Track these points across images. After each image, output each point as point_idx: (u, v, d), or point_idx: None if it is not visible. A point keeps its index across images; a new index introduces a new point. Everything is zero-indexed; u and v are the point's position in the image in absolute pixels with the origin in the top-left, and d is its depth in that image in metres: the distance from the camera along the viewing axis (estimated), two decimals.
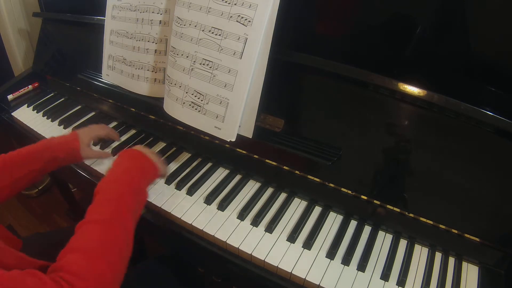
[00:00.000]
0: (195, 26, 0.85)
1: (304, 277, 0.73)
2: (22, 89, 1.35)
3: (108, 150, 1.05)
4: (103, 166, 1.00)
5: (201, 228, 0.82)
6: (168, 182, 0.93)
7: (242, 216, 0.85)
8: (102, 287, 0.56)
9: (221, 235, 0.80)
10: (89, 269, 0.56)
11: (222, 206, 0.87)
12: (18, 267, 0.64)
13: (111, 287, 0.58)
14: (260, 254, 0.77)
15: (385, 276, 0.74)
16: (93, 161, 1.00)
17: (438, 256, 0.80)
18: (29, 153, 0.84)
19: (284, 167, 0.89)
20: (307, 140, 0.86)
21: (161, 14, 0.97)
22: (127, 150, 0.80)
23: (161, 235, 0.92)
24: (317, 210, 0.88)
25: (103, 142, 1.06)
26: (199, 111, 0.88)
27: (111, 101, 1.18)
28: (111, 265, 0.58)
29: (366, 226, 0.85)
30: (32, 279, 0.51)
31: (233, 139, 0.85)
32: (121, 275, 0.60)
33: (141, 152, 0.79)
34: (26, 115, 1.24)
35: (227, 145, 0.94)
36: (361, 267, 0.76)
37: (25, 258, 0.68)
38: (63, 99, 1.31)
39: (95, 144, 1.05)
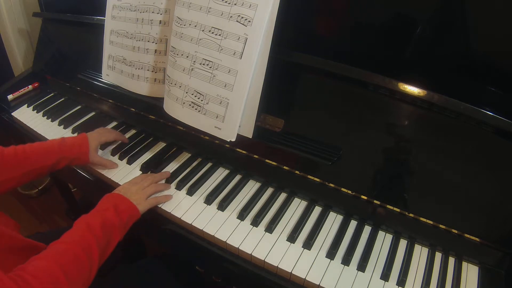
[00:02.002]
0: (195, 26, 0.85)
1: (304, 277, 0.73)
2: (22, 89, 1.35)
3: (108, 152, 1.05)
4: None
5: (201, 228, 0.82)
6: (168, 182, 0.93)
7: (242, 216, 0.85)
8: None
9: (221, 235, 0.80)
10: (45, 272, 0.61)
11: (222, 206, 0.87)
12: (11, 245, 0.70)
13: None
14: (260, 254, 0.77)
15: (385, 276, 0.74)
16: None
17: (438, 256, 0.80)
18: (42, 150, 0.88)
19: (284, 167, 0.89)
20: (307, 140, 0.86)
21: (161, 14, 0.97)
22: (109, 194, 0.83)
23: (161, 235, 0.92)
24: (317, 210, 0.88)
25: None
26: (199, 111, 0.88)
27: (111, 101, 1.18)
28: (68, 276, 0.63)
29: (366, 226, 0.85)
30: None
31: (233, 139, 0.85)
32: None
33: (120, 195, 0.81)
34: (26, 115, 1.24)
35: (227, 145, 0.94)
36: (361, 267, 0.76)
37: (8, 234, 0.72)
38: (63, 99, 1.31)
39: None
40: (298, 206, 0.89)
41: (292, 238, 0.80)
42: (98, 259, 0.70)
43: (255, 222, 0.83)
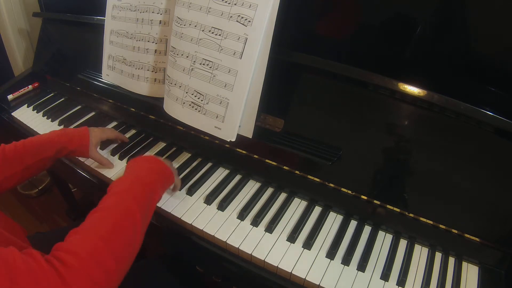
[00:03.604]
0: (195, 26, 0.85)
1: (304, 277, 0.73)
2: (22, 89, 1.35)
3: (107, 151, 1.05)
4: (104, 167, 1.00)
5: (201, 228, 0.82)
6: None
7: (242, 216, 0.85)
8: (97, 266, 0.53)
9: (221, 235, 0.80)
10: (83, 246, 0.54)
11: (222, 206, 0.86)
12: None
13: (112, 273, 0.55)
14: (260, 254, 0.77)
15: (385, 276, 0.74)
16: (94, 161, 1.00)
17: (438, 256, 0.80)
18: (42, 142, 0.87)
19: (284, 167, 0.89)
20: (307, 140, 0.86)
21: (161, 14, 0.97)
22: (136, 157, 0.81)
23: (161, 235, 0.92)
24: (317, 210, 0.88)
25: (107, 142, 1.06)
26: (199, 111, 0.88)
27: (111, 101, 1.18)
28: (110, 247, 0.56)
29: (366, 226, 0.85)
30: (24, 257, 0.50)
31: (233, 139, 0.85)
32: (125, 264, 0.59)
33: (152, 156, 0.80)
34: (26, 115, 1.24)
35: (227, 145, 0.94)
36: (361, 267, 0.76)
37: (19, 245, 0.69)
38: (63, 99, 1.31)
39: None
40: (298, 206, 0.89)
41: (292, 238, 0.80)
42: (141, 221, 0.63)
43: (255, 222, 0.83)
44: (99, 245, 0.55)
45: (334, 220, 0.86)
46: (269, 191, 0.93)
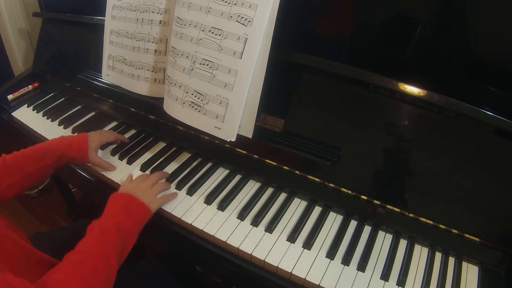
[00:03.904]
0: (195, 26, 0.85)
1: (304, 277, 0.73)
2: (22, 89, 1.35)
3: (107, 152, 1.05)
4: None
5: (201, 228, 0.82)
6: (168, 182, 0.93)
7: (242, 216, 0.85)
8: None
9: (221, 235, 0.80)
10: (67, 286, 0.61)
11: (222, 206, 0.86)
12: (18, 254, 0.69)
13: None
14: (260, 254, 0.77)
15: (385, 276, 0.74)
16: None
17: (438, 256, 0.80)
18: (41, 149, 0.88)
19: (284, 167, 0.89)
20: (307, 140, 0.86)
21: (161, 14, 0.97)
22: (116, 194, 0.81)
23: (161, 235, 0.92)
24: (317, 210, 0.88)
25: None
26: (199, 111, 0.88)
27: (111, 101, 1.18)
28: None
29: (366, 226, 0.85)
30: (21, 286, 0.56)
31: (233, 139, 0.85)
32: None
33: (129, 196, 0.80)
34: (26, 115, 1.24)
35: (227, 145, 0.94)
36: (361, 267, 0.76)
37: (27, 248, 0.72)
38: (63, 99, 1.31)
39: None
40: (298, 206, 0.89)
41: (292, 238, 0.80)
42: (116, 266, 0.69)
43: (255, 222, 0.83)
44: (80, 285, 0.63)
45: (334, 220, 0.86)
46: (269, 191, 0.93)
